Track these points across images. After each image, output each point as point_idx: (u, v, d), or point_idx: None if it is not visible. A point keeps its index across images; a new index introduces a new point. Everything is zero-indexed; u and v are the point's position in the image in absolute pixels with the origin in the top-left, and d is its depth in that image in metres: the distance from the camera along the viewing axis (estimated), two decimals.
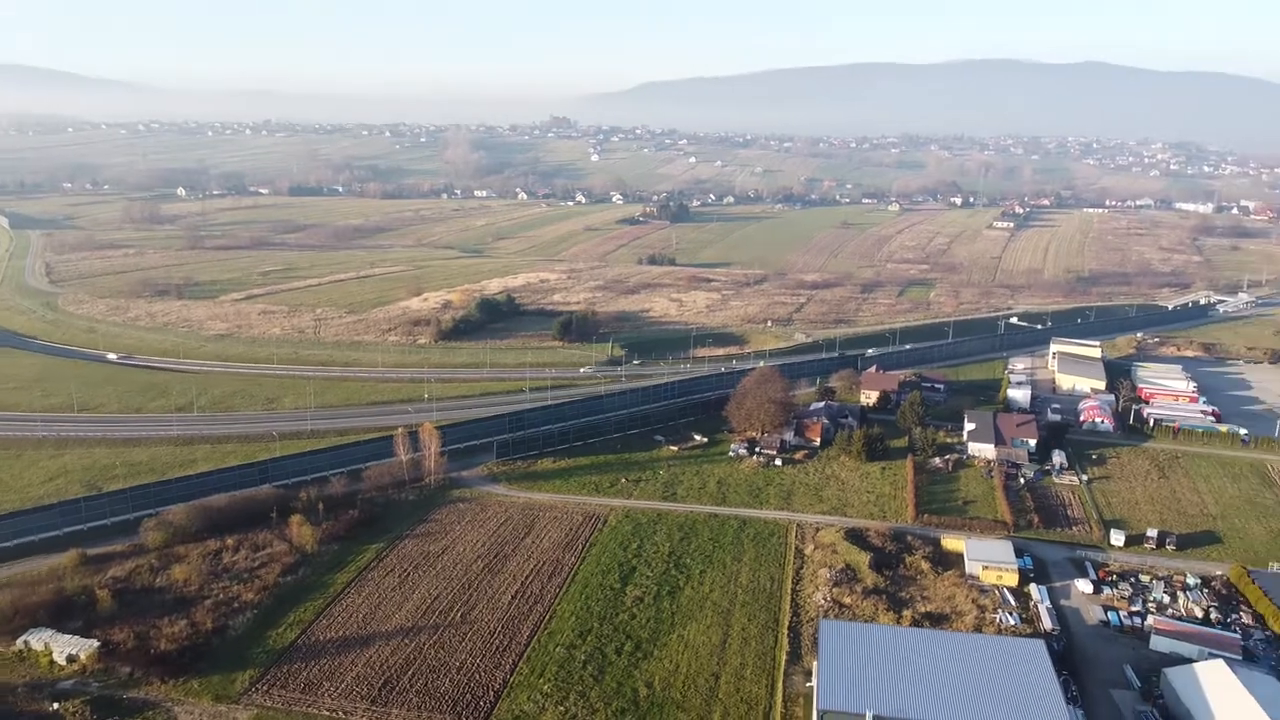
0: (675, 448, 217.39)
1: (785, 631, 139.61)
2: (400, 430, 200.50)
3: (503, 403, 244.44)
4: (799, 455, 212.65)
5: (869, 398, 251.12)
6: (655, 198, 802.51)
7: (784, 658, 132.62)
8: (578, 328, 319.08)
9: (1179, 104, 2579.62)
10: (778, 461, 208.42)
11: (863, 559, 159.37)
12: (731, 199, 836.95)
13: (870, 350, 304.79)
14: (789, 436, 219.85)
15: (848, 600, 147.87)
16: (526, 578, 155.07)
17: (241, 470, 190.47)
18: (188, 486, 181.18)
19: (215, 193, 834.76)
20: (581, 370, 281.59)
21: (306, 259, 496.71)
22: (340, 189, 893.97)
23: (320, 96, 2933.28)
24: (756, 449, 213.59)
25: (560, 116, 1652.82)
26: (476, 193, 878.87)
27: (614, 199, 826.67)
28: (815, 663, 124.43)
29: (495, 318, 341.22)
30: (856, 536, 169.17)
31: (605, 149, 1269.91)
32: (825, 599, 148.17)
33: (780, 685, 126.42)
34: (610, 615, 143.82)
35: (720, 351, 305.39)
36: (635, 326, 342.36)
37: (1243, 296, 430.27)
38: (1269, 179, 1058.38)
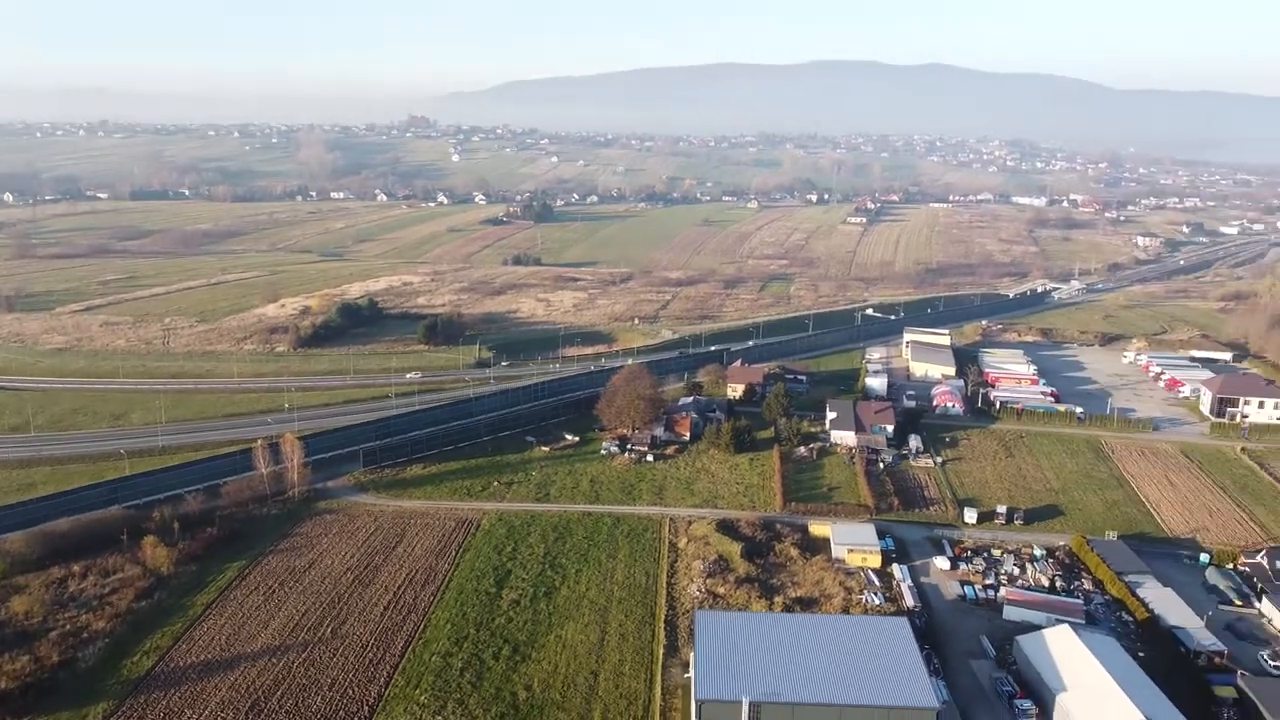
0: (547, 448, 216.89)
1: (662, 625, 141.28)
2: (259, 442, 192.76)
3: (368, 410, 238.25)
4: (670, 450, 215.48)
5: (735, 391, 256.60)
6: (519, 198, 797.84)
7: (661, 651, 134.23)
8: (444, 330, 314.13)
9: (1013, 104, 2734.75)
10: (649, 457, 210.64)
11: (735, 549, 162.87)
12: (595, 198, 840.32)
13: (735, 345, 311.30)
14: (659, 432, 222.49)
15: (721, 590, 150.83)
16: (399, 588, 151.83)
17: (87, 492, 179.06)
18: (26, 512, 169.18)
19: (47, 198, 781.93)
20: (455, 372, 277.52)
21: (152, 266, 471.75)
22: (187, 192, 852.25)
23: (161, 96, 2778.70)
24: (628, 446, 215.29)
25: (419, 116, 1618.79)
26: (333, 195, 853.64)
27: (477, 199, 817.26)
28: (692, 654, 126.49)
29: (357, 323, 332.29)
30: (728, 527, 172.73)
31: (467, 149, 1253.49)
32: (700, 590, 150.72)
33: (659, 678, 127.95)
34: (486, 620, 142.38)
35: (589, 350, 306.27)
36: (503, 328, 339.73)
37: (1074, 284, 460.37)
38: (1094, 174, 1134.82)
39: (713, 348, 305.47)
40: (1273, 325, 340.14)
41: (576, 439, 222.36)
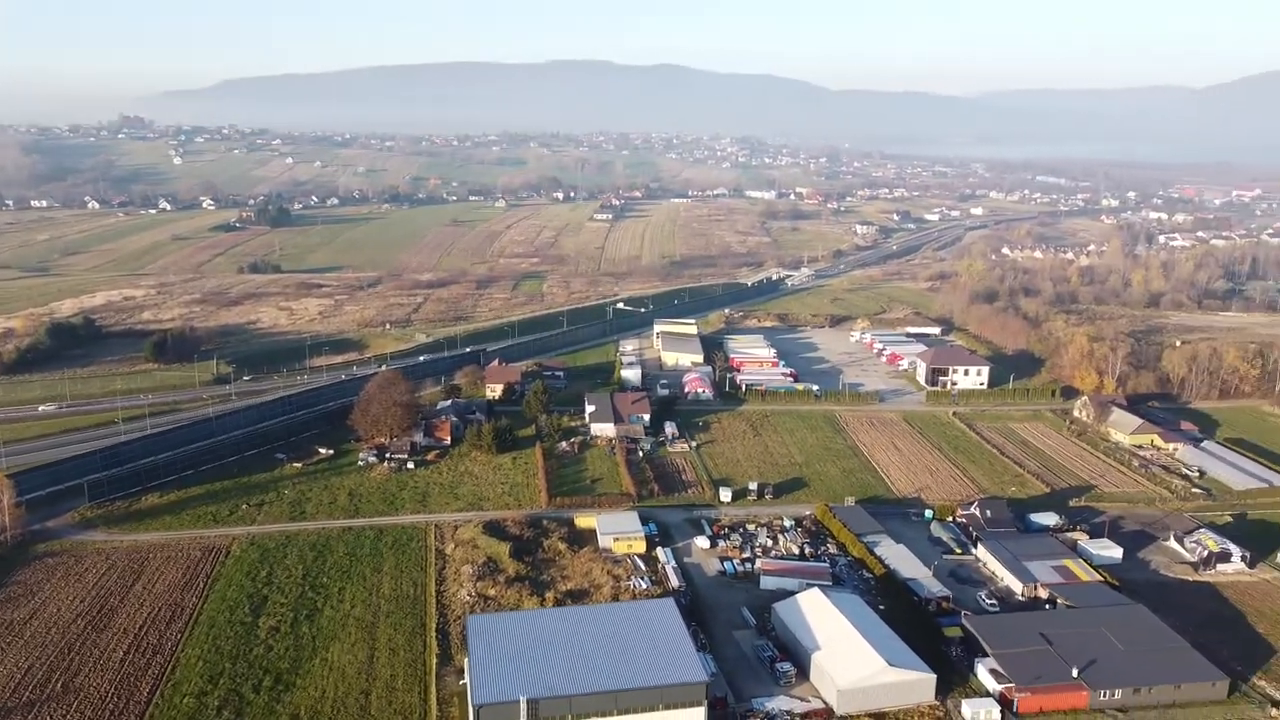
0: (300, 464, 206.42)
1: (434, 634, 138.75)
2: None
3: (92, 438, 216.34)
4: (431, 456, 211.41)
5: (494, 391, 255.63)
6: (252, 202, 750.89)
7: (435, 661, 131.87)
8: (175, 347, 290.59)
9: (742, 103, 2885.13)
10: (410, 464, 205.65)
11: (503, 549, 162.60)
12: (336, 200, 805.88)
13: (492, 345, 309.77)
14: (419, 438, 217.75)
15: (492, 592, 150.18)
16: (140, 629, 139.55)
17: None
18: None
19: None
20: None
21: None
22: None
23: None
24: (387, 455, 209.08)
25: (132, 116, 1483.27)
26: (34, 203, 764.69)
27: (205, 204, 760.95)
28: (466, 659, 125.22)
29: (72, 344, 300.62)
30: (495, 528, 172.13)
31: (189, 150, 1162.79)
32: (470, 594, 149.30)
33: (433, 689, 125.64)
34: (243, 652, 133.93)
35: (339, 359, 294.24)
36: (242, 340, 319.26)
37: (805, 271, 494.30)
38: (816, 168, 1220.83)
39: (469, 349, 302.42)
40: (971, 301, 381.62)
41: (331, 452, 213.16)
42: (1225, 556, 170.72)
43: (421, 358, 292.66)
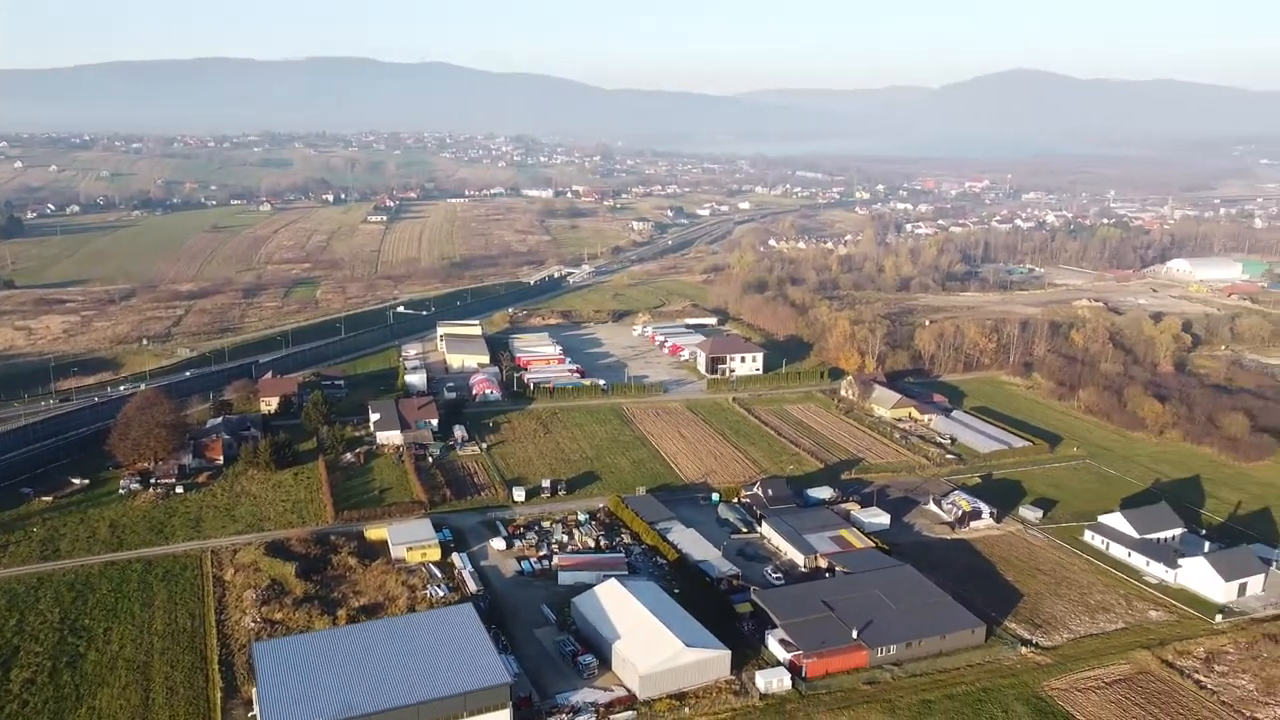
0: (50, 498, 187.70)
1: (216, 667, 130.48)
2: None
3: None
4: (203, 478, 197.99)
5: (270, 405, 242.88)
6: None
7: (219, 695, 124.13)
8: None
9: (514, 102, 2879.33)
10: (179, 489, 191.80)
11: (288, 570, 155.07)
12: (76, 208, 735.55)
13: (264, 356, 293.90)
14: (188, 460, 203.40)
15: (279, 615, 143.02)
16: None
17: None
18: None
19: None
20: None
21: None
22: None
23: None
24: (152, 480, 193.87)
25: None
26: None
27: None
28: (255, 690, 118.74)
29: None
30: (279, 549, 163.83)
31: None
32: (255, 620, 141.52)
33: None
34: None
35: (91, 380, 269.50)
36: None
37: (585, 268, 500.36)
38: (590, 166, 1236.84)
39: (239, 361, 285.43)
40: (744, 292, 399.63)
41: (87, 481, 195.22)
42: (977, 514, 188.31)
43: (186, 374, 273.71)
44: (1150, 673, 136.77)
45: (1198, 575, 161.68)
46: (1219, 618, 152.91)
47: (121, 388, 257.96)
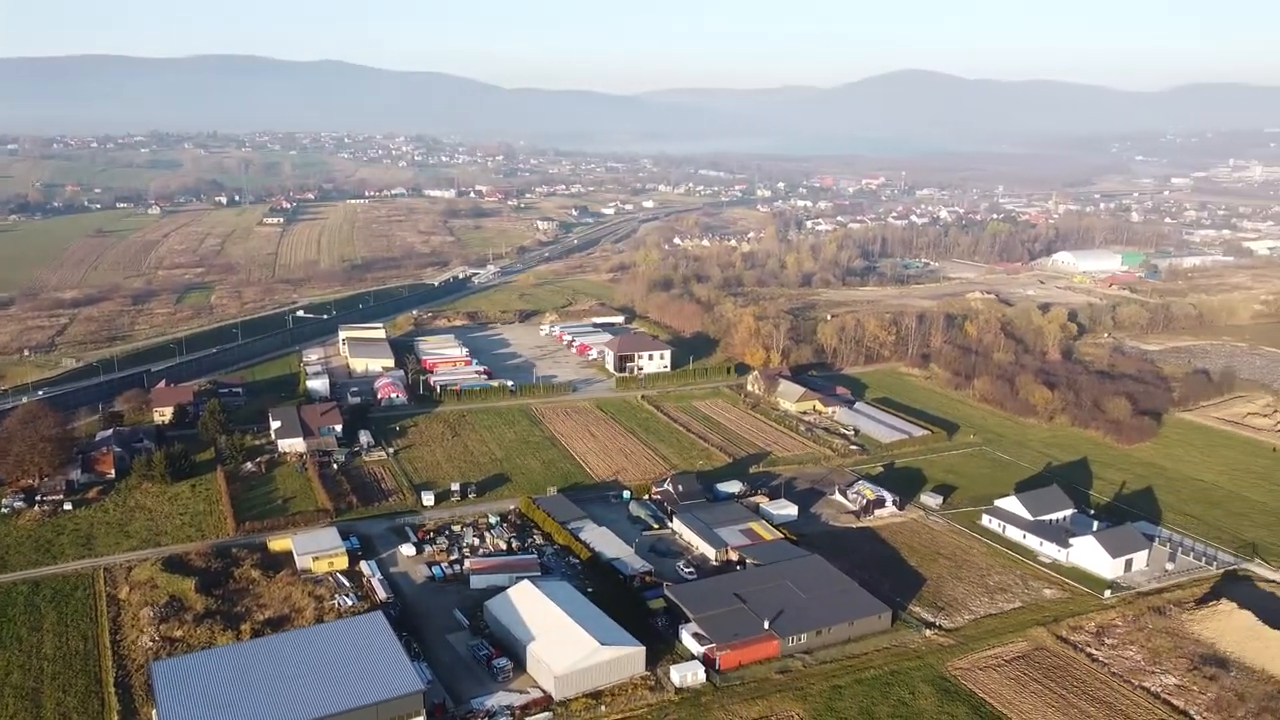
0: None
1: (113, 690, 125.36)
2: None
3: None
4: (93, 493, 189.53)
5: (164, 415, 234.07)
6: None
7: (116, 719, 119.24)
8: None
9: (413, 101, 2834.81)
10: (67, 506, 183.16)
11: (188, 585, 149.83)
12: None
13: (157, 365, 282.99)
14: (76, 475, 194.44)
15: (179, 633, 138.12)
16: None
17: None
18: None
19: None
20: None
21: None
22: None
23: None
24: (37, 497, 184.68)
25: None
26: None
27: None
28: (154, 711, 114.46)
29: None
30: (177, 564, 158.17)
31: None
32: (153, 639, 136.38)
33: None
34: None
35: None
36: None
37: (490, 268, 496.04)
38: (493, 165, 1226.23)
39: (130, 371, 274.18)
40: (650, 290, 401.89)
41: None
42: (880, 503, 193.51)
43: (73, 385, 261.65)
44: (1046, 649, 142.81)
45: (1088, 554, 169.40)
46: (1108, 593, 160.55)
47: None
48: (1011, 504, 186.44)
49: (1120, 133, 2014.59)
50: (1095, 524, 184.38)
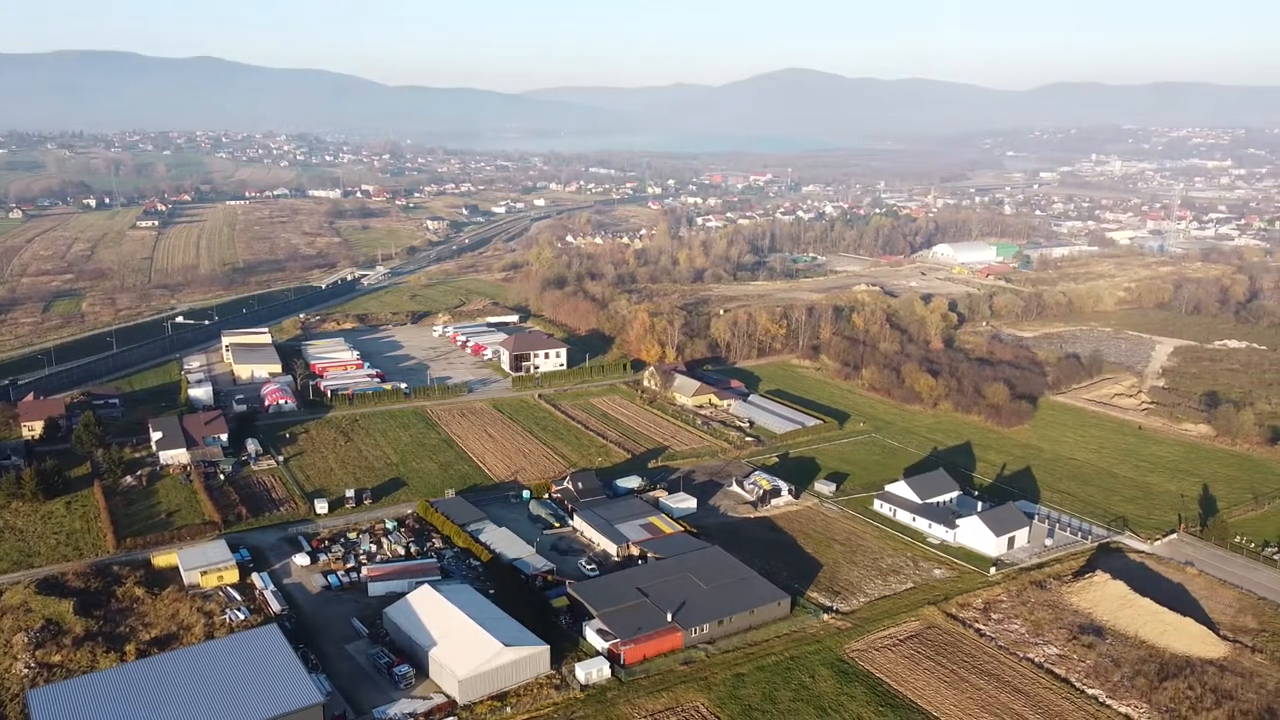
0: None
1: None
2: None
3: None
4: None
5: (33, 429, 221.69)
6: None
7: None
8: None
9: (293, 99, 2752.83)
10: None
11: (65, 608, 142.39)
12: None
13: (23, 377, 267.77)
14: None
15: (57, 658, 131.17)
16: None
17: None
18: None
19: None
20: None
21: None
22: None
23: None
24: None
25: None
26: None
27: None
28: None
29: None
30: (53, 585, 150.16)
31: None
32: (28, 666, 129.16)
33: None
34: None
35: None
36: None
37: (380, 269, 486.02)
38: (380, 165, 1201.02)
39: None
40: (544, 288, 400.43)
41: None
42: (776, 492, 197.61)
43: None
44: (937, 626, 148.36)
45: (973, 533, 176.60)
46: (993, 570, 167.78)
47: None
48: (901, 489, 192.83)
49: (992, 129, 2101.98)
50: (979, 505, 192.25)
